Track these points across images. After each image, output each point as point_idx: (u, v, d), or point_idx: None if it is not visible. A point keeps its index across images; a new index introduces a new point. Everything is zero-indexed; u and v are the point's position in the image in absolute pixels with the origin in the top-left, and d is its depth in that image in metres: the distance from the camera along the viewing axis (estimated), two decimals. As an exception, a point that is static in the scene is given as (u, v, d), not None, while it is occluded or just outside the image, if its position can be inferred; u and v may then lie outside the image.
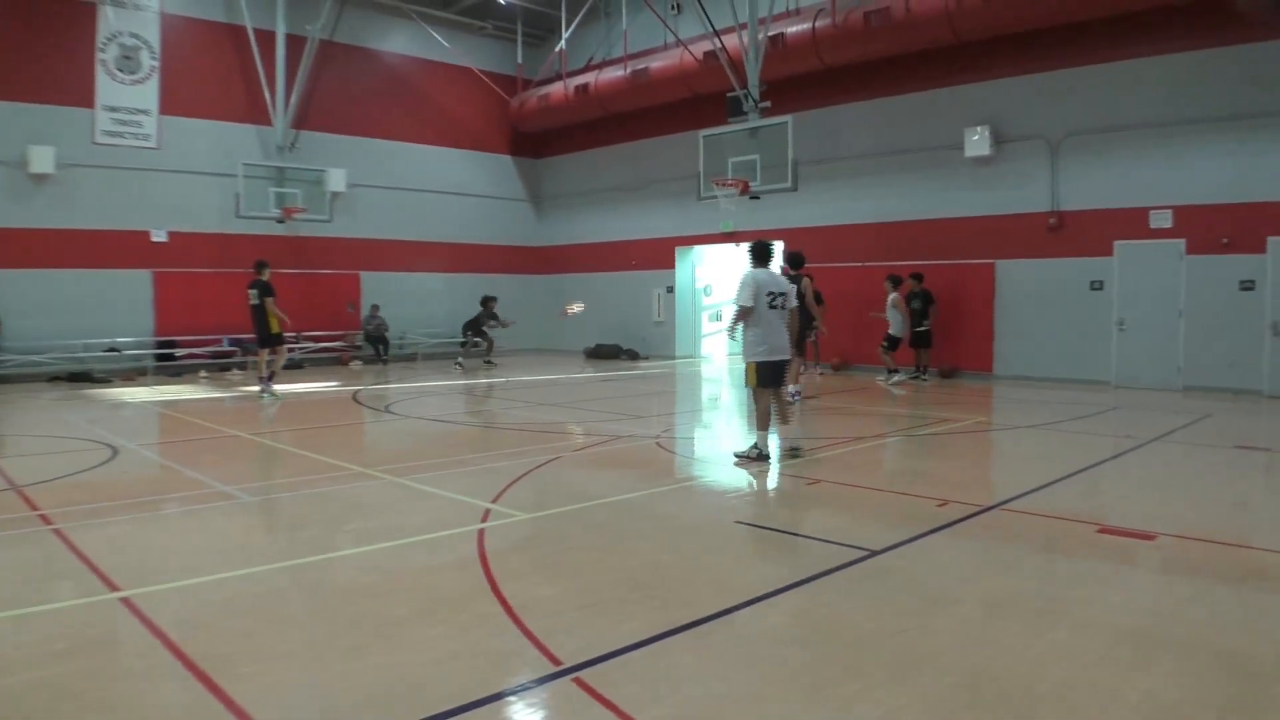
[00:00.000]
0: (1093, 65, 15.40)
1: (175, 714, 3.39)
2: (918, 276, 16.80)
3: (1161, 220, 14.70)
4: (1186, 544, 5.68)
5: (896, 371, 16.16)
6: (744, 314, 8.49)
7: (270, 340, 14.53)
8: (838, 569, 5.12)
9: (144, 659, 3.88)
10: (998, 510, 6.57)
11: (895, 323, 16.25)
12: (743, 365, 8.78)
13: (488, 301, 21.25)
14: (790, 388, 11.83)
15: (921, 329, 16.64)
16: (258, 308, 14.37)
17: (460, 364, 20.48)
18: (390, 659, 3.88)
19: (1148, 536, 5.81)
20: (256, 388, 14.62)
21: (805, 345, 15.43)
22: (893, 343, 16.24)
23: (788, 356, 8.75)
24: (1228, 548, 5.61)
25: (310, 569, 5.30)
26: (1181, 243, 14.50)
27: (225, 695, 3.47)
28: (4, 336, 17.13)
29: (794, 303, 8.81)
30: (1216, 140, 14.20)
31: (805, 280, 13.39)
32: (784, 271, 12.13)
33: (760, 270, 8.63)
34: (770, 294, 8.45)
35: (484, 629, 4.23)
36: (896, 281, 16.43)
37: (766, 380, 8.57)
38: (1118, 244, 15.21)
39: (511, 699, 3.49)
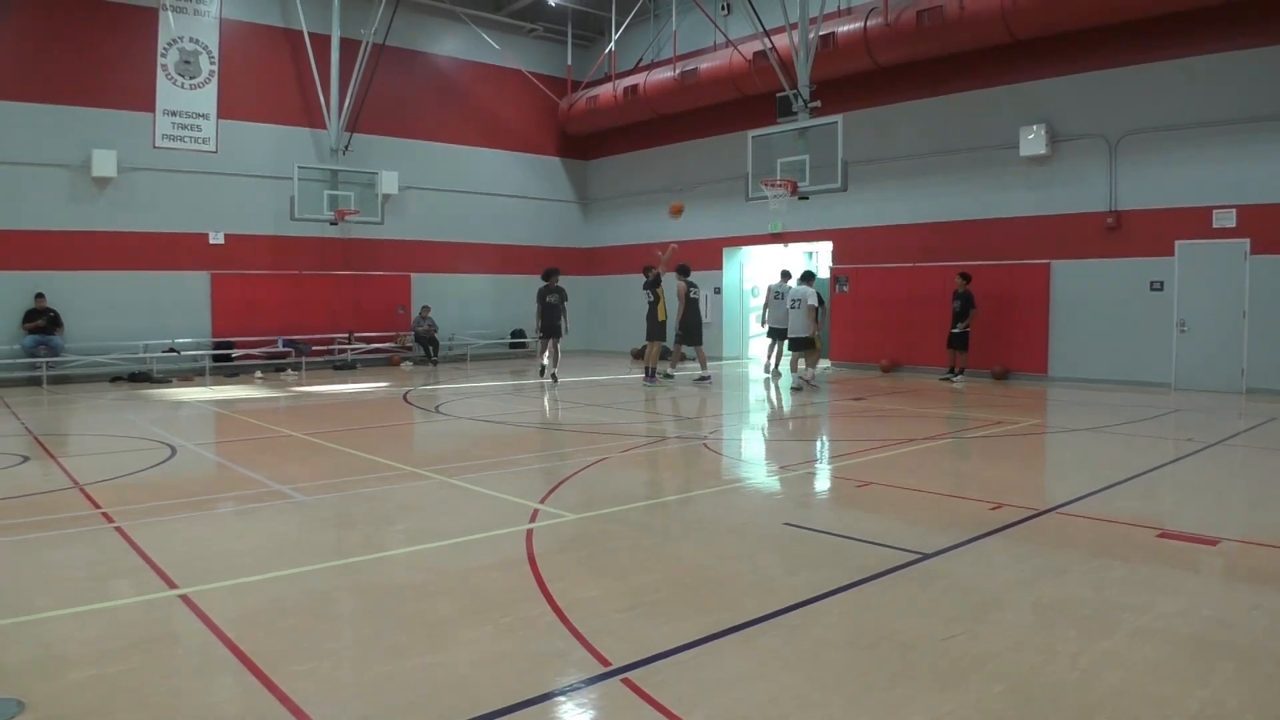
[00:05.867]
0: (1153, 62, 15.06)
1: (231, 710, 3.44)
2: (965, 276, 16.57)
3: (1225, 219, 14.34)
4: (1250, 549, 5.54)
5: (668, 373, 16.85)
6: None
7: (654, 334, 16.93)
8: (887, 572, 5.07)
9: (201, 656, 3.95)
10: (1053, 514, 6.45)
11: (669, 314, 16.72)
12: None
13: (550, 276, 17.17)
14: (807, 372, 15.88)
15: (957, 330, 16.42)
16: (652, 305, 16.80)
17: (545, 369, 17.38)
18: (439, 658, 3.92)
19: (1210, 542, 5.66)
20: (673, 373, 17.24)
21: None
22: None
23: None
24: (1293, 556, 5.45)
25: (361, 568, 5.37)
26: (1246, 242, 14.14)
27: (280, 692, 3.52)
28: (67, 337, 17.60)
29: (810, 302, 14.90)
30: (1282, 137, 13.84)
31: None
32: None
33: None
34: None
35: (533, 629, 4.25)
36: (649, 269, 16.78)
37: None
38: (1179, 244, 14.87)
39: (561, 699, 3.49)
